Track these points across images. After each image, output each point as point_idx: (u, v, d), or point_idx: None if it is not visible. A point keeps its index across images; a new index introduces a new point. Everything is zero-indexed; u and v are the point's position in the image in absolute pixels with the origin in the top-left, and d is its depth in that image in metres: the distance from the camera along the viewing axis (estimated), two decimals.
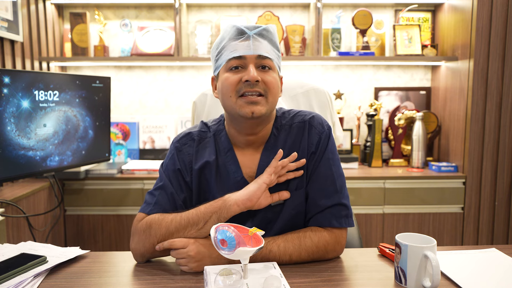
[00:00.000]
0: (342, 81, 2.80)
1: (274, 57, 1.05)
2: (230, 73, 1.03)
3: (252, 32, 1.02)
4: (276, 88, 1.04)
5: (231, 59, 1.02)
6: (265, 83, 1.02)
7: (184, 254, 0.97)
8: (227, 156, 1.10)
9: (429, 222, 2.39)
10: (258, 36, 1.03)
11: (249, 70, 1.01)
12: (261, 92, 1.02)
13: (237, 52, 1.01)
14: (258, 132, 1.09)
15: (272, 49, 1.05)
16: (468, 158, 2.35)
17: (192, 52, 2.72)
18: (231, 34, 1.04)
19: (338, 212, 1.06)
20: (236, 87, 1.02)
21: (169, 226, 1.00)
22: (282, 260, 1.00)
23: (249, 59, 1.01)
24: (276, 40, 1.07)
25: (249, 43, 1.01)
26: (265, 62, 1.03)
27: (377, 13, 2.74)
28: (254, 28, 1.04)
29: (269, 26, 1.07)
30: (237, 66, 1.02)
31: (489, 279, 0.93)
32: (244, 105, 1.01)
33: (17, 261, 1.00)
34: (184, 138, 1.14)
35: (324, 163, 1.08)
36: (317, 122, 1.10)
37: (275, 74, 1.05)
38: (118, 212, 2.35)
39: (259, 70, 1.02)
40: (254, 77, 1.00)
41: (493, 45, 2.28)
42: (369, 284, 0.92)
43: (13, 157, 1.53)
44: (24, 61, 2.26)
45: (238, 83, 1.02)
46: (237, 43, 1.02)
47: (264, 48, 1.03)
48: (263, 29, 1.04)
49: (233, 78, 1.02)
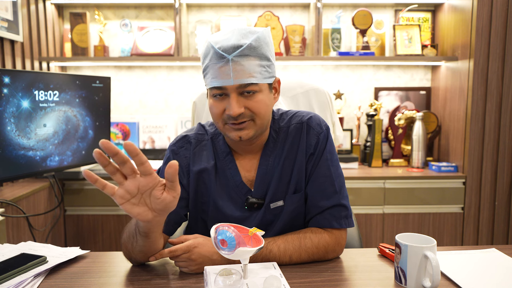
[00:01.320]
0: (342, 81, 2.80)
1: (260, 76, 0.98)
2: (214, 101, 1.00)
3: (232, 56, 0.95)
4: (263, 109, 1.00)
5: (213, 87, 0.98)
6: (250, 110, 0.99)
7: (185, 258, 0.96)
8: (226, 160, 1.10)
9: (429, 222, 2.39)
10: (239, 58, 0.95)
11: (230, 104, 0.97)
12: (245, 120, 0.99)
13: (218, 82, 0.97)
14: (253, 143, 1.08)
15: (259, 63, 0.98)
16: (468, 158, 2.35)
17: (192, 52, 2.72)
18: (211, 55, 0.98)
19: (338, 213, 1.06)
20: (221, 117, 1.00)
21: (124, 234, 1.00)
22: (282, 261, 1.00)
23: (230, 89, 0.97)
24: (265, 50, 0.99)
25: (229, 70, 0.95)
26: (248, 88, 0.97)
27: (377, 13, 2.74)
28: (234, 49, 0.95)
29: (255, 38, 0.97)
30: (221, 94, 0.99)
31: (489, 279, 0.93)
32: (232, 131, 1.01)
33: (17, 261, 1.00)
34: (180, 141, 1.13)
35: (323, 164, 1.07)
36: (315, 123, 1.10)
37: (262, 94, 1.00)
38: (118, 212, 2.35)
39: (243, 97, 0.98)
40: (235, 112, 0.96)
41: (493, 45, 2.29)
42: (369, 284, 0.92)
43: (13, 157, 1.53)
44: (24, 61, 2.26)
45: (223, 113, 1.00)
46: (217, 68, 0.96)
47: (247, 71, 0.96)
48: (245, 48, 0.95)
49: (217, 108, 1.00)
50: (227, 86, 0.97)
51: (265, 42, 1.00)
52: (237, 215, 1.09)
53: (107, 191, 0.77)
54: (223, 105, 0.99)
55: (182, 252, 0.96)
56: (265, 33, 1.00)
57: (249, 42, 0.96)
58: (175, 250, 0.96)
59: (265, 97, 1.01)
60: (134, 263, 1.03)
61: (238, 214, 1.09)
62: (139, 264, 1.03)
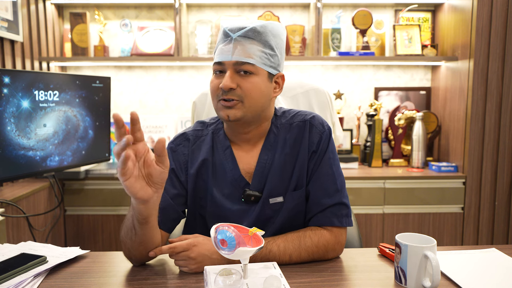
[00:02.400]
0: (342, 81, 2.80)
1: (259, 60, 1.01)
2: (213, 77, 1.05)
3: (236, 35, 1.00)
4: (255, 93, 1.02)
5: (214, 63, 1.04)
6: (242, 89, 1.01)
7: (184, 256, 0.96)
8: (225, 154, 1.11)
9: (429, 222, 2.39)
10: (243, 38, 1.00)
11: (224, 77, 1.01)
12: (234, 98, 1.01)
13: (218, 57, 1.02)
14: (249, 131, 1.09)
15: (261, 49, 1.01)
16: (468, 158, 2.35)
17: (192, 52, 2.72)
18: (220, 36, 1.05)
19: (339, 211, 1.06)
20: (216, 92, 1.04)
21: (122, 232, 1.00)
22: (282, 260, 1.00)
23: (227, 64, 1.01)
24: (270, 38, 1.02)
25: (230, 48, 1.00)
26: (244, 67, 1.00)
27: (377, 13, 2.74)
28: (239, 29, 1.01)
29: (263, 25, 1.02)
30: (220, 71, 1.03)
31: (489, 279, 0.93)
32: (222, 108, 1.03)
33: (17, 261, 1.00)
34: (178, 139, 1.14)
35: (325, 163, 1.08)
36: (318, 122, 1.11)
37: (258, 78, 1.02)
38: (118, 212, 2.35)
39: (239, 75, 1.01)
40: (226, 85, 0.99)
41: (493, 45, 2.28)
42: (369, 284, 0.92)
43: (13, 157, 1.53)
44: (24, 61, 2.26)
45: (218, 88, 1.03)
46: (222, 46, 1.02)
47: (246, 51, 1.00)
48: (249, 30, 1.00)
49: (214, 83, 1.04)
50: (225, 61, 1.01)
51: (272, 33, 1.03)
52: (235, 209, 1.09)
53: (125, 154, 0.79)
54: (220, 81, 1.03)
55: (181, 250, 0.96)
56: (274, 25, 1.05)
57: (254, 25, 1.01)
58: (175, 247, 0.96)
59: (260, 82, 1.03)
60: (135, 262, 1.03)
61: (236, 208, 1.09)
62: (139, 263, 1.03)
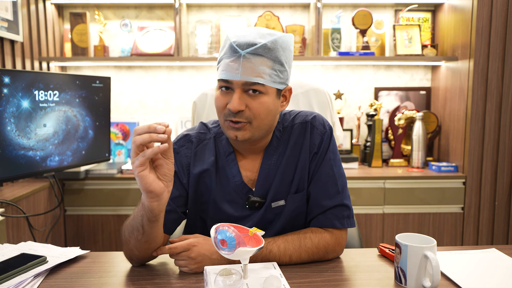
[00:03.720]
0: (342, 81, 2.80)
1: (269, 78, 0.97)
2: (219, 94, 1.01)
3: (245, 52, 0.94)
4: (264, 113, 0.99)
5: (220, 79, 0.99)
6: (250, 110, 0.98)
7: (184, 256, 0.96)
8: (228, 160, 1.10)
9: (429, 222, 2.39)
10: (252, 56, 0.95)
11: (232, 98, 0.97)
12: (242, 121, 0.98)
13: (225, 75, 0.97)
14: (255, 144, 1.08)
15: (271, 66, 0.96)
16: (468, 158, 2.35)
17: (192, 52, 2.72)
18: (226, 48, 0.99)
19: (340, 212, 1.06)
20: (223, 111, 1.00)
21: (125, 231, 0.99)
22: (282, 261, 1.00)
23: (235, 84, 0.96)
24: (280, 54, 0.98)
25: (238, 65, 0.95)
26: (254, 87, 0.96)
27: (377, 13, 2.74)
28: (248, 46, 0.95)
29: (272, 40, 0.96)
30: (227, 87, 0.99)
31: (489, 279, 0.93)
32: (229, 128, 1.01)
33: (17, 261, 1.00)
34: (181, 140, 1.13)
35: (326, 164, 1.08)
36: (319, 122, 1.10)
37: (267, 97, 0.98)
38: (118, 212, 2.35)
39: (247, 95, 0.97)
40: (235, 108, 0.96)
41: (493, 45, 2.28)
42: (369, 284, 0.92)
43: (13, 157, 1.53)
44: (24, 61, 2.26)
45: (225, 107, 1.00)
46: (228, 62, 0.96)
47: (256, 70, 0.95)
48: (259, 47, 0.95)
49: (221, 101, 1.00)
50: (233, 80, 0.96)
51: (282, 47, 0.99)
52: (237, 215, 1.09)
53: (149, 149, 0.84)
54: (227, 99, 0.99)
55: (182, 250, 0.96)
56: (284, 38, 0.99)
57: (265, 42, 0.95)
58: (175, 247, 0.96)
59: (269, 101, 0.99)
60: (135, 263, 1.03)
61: (238, 214, 1.09)
62: (140, 264, 1.03)
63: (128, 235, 0.97)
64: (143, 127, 0.84)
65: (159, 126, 0.84)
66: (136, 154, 0.84)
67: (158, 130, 0.84)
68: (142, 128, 0.84)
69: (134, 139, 0.84)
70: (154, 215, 0.91)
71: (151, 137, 0.83)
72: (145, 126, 0.84)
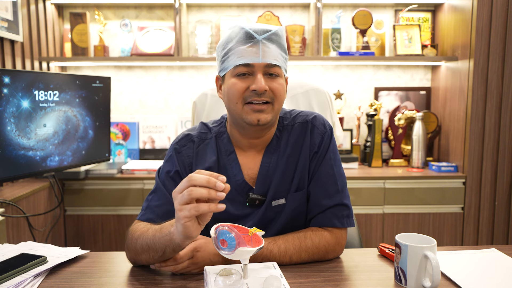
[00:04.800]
0: (342, 81, 2.80)
1: (282, 62, 1.03)
2: (237, 80, 1.01)
3: (261, 37, 1.00)
4: (283, 95, 1.04)
5: (238, 65, 1.00)
6: (273, 91, 1.01)
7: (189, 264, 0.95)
8: (229, 159, 1.10)
9: (429, 222, 2.39)
10: (267, 41, 1.00)
11: (257, 79, 0.99)
12: (267, 100, 1.01)
13: (245, 59, 0.99)
14: (263, 136, 1.09)
15: (280, 53, 1.03)
16: (468, 158, 2.35)
17: (192, 52, 2.72)
18: (239, 36, 1.01)
19: (340, 212, 1.06)
20: (243, 95, 1.01)
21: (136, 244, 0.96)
22: (282, 261, 1.00)
23: (257, 67, 0.99)
24: (284, 43, 1.05)
25: (258, 49, 0.99)
26: (273, 70, 1.01)
27: (377, 13, 2.74)
28: (264, 32, 1.00)
29: (278, 29, 1.03)
30: (245, 73, 1.00)
31: (489, 279, 0.93)
32: (251, 113, 1.01)
33: (17, 261, 1.00)
34: (183, 140, 1.13)
35: (326, 163, 1.08)
36: (319, 122, 1.11)
37: (282, 80, 1.04)
38: (118, 212, 2.35)
39: (267, 78, 1.01)
40: (262, 87, 0.99)
41: (493, 45, 2.28)
42: (369, 284, 0.92)
43: (13, 157, 1.53)
44: (24, 61, 2.26)
45: (245, 90, 1.01)
46: (245, 48, 0.99)
47: (273, 54, 1.00)
48: (273, 33, 1.01)
49: (240, 85, 1.00)
50: (255, 63, 0.99)
51: (284, 38, 1.06)
52: (238, 213, 1.09)
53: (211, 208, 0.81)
54: (247, 82, 1.01)
55: (187, 258, 0.95)
56: (283, 30, 1.07)
57: (276, 29, 1.02)
58: (180, 257, 0.94)
59: (284, 83, 1.05)
60: (135, 264, 1.03)
61: (239, 212, 1.09)
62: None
63: (140, 250, 0.95)
64: (202, 178, 0.80)
65: (219, 183, 0.80)
66: (186, 203, 0.80)
67: (218, 188, 0.80)
68: (201, 180, 0.80)
69: (191, 190, 0.79)
70: (181, 248, 0.90)
71: (210, 194, 0.80)
72: (204, 179, 0.80)
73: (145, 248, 0.93)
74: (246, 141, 1.09)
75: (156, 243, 0.91)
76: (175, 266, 0.94)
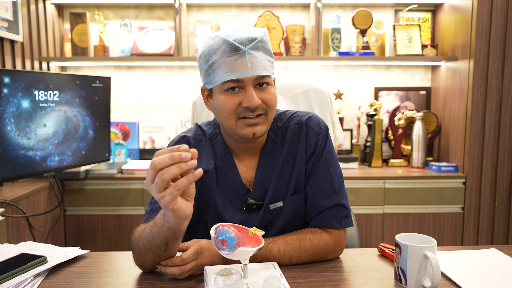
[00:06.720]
0: (342, 81, 2.80)
1: (270, 69, 0.99)
2: (227, 96, 0.97)
3: (247, 48, 0.95)
4: (275, 104, 1.02)
5: (227, 81, 0.96)
6: (265, 102, 0.99)
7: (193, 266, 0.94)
8: (225, 161, 1.09)
9: (429, 222, 2.39)
10: (253, 51, 0.95)
11: (248, 95, 0.95)
12: (261, 113, 0.99)
13: (234, 75, 0.95)
14: (255, 141, 1.08)
15: (267, 58, 0.99)
16: (468, 158, 2.35)
17: (192, 52, 2.72)
18: (222, 49, 0.95)
19: (338, 212, 1.06)
20: (235, 111, 0.98)
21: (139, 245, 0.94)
22: (282, 262, 1.00)
23: (247, 81, 0.96)
24: (269, 46, 1.01)
25: (245, 61, 0.94)
26: (264, 80, 0.98)
27: (377, 13, 2.74)
28: (249, 41, 0.95)
29: (263, 34, 0.99)
30: (234, 87, 0.97)
31: (489, 279, 0.93)
32: (245, 127, 0.99)
33: (17, 261, 1.00)
34: (180, 142, 1.12)
35: (322, 164, 1.07)
36: (314, 122, 1.10)
37: (273, 88, 1.01)
38: (118, 212, 2.35)
39: (257, 90, 0.98)
40: (255, 103, 0.95)
41: (493, 45, 2.28)
42: (369, 284, 0.92)
43: (13, 157, 1.53)
44: (24, 61, 2.26)
45: (238, 106, 0.98)
46: (231, 61, 0.94)
47: (261, 63, 0.96)
48: (258, 41, 0.96)
49: (231, 101, 0.97)
50: (244, 78, 0.95)
51: (268, 39, 1.02)
52: (237, 217, 1.08)
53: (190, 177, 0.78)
54: (238, 98, 0.97)
55: (193, 259, 0.93)
56: (266, 32, 1.02)
57: (261, 36, 0.98)
58: (187, 258, 0.93)
59: (274, 90, 1.03)
60: (146, 270, 1.00)
61: (237, 216, 1.09)
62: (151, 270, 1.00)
63: (144, 250, 0.93)
64: (165, 158, 0.76)
65: (183, 153, 0.76)
66: (164, 189, 0.78)
67: (184, 158, 0.76)
68: (165, 160, 0.76)
69: (162, 174, 0.76)
70: (181, 232, 0.88)
71: (181, 168, 0.76)
72: (168, 158, 0.76)
73: (147, 246, 0.92)
74: (240, 145, 1.08)
75: (156, 238, 0.89)
76: (182, 267, 0.92)
